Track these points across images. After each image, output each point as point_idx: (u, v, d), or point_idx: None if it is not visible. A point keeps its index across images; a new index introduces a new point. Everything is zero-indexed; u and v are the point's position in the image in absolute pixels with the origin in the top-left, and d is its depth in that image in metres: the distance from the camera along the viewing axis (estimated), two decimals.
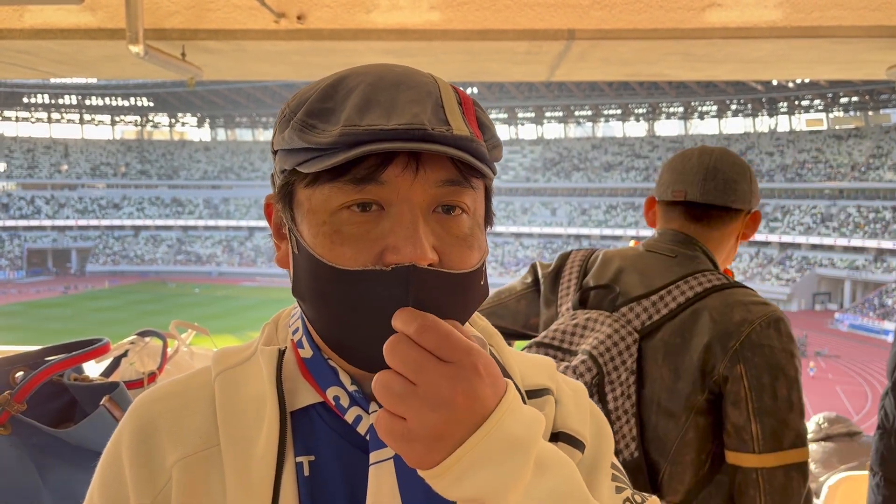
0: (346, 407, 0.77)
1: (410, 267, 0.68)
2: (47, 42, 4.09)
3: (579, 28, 3.85)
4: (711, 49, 4.16)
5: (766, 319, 1.59)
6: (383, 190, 0.70)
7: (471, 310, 0.78)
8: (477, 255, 0.75)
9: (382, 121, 0.68)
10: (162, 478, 0.76)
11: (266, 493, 0.73)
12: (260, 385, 0.78)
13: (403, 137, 0.68)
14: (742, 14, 3.63)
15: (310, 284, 0.74)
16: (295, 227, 0.76)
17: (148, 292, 56.54)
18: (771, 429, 1.54)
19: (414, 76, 0.74)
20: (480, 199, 0.77)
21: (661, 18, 3.69)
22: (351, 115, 0.69)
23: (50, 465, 1.37)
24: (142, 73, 5.33)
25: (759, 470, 1.55)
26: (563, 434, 0.87)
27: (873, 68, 4.64)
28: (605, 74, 5.45)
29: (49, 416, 1.48)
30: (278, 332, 0.87)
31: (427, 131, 0.68)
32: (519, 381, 0.88)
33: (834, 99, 62.30)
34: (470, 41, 3.98)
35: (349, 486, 0.76)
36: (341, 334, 0.74)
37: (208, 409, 0.79)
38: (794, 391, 1.57)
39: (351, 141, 0.68)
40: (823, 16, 3.61)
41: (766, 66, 4.79)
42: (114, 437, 0.82)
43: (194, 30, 3.93)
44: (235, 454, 0.75)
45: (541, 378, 0.91)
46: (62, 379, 1.52)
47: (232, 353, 0.84)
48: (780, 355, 1.57)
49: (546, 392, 0.89)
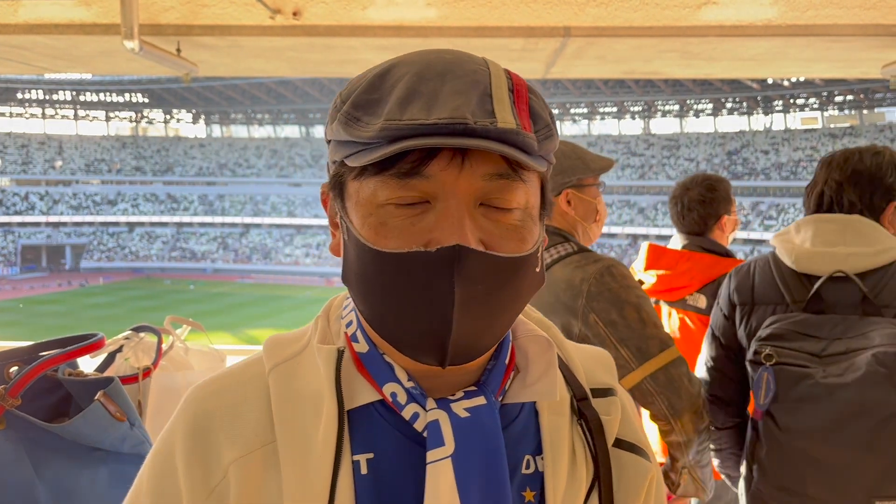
0: (403, 403, 0.76)
1: (456, 247, 0.67)
2: (42, 37, 4.08)
3: (575, 25, 3.85)
4: (707, 47, 4.17)
5: (599, 271, 1.85)
6: (428, 184, 0.69)
7: (525, 297, 0.75)
8: (529, 245, 0.73)
9: (423, 115, 0.67)
10: (217, 474, 0.75)
11: (323, 491, 0.72)
12: (317, 382, 0.77)
13: (444, 132, 0.66)
14: (737, 12, 3.64)
15: (358, 270, 0.74)
16: (346, 216, 0.75)
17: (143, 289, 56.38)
18: (636, 346, 1.80)
19: (464, 64, 0.72)
20: (534, 191, 0.75)
21: (656, 16, 3.69)
22: (392, 109, 0.68)
23: (45, 460, 1.37)
24: (137, 69, 5.31)
25: (645, 380, 1.81)
26: (627, 443, 0.86)
27: (868, 66, 4.66)
28: (601, 72, 5.46)
29: (44, 411, 1.48)
30: (331, 325, 0.85)
31: (468, 125, 0.66)
32: (583, 379, 0.87)
33: (829, 97, 62.40)
34: (466, 38, 3.98)
35: (409, 481, 0.75)
36: (388, 320, 0.73)
37: (263, 404, 0.78)
38: (642, 311, 1.83)
39: (391, 136, 0.67)
40: (818, 14, 3.62)
41: (761, 64, 4.80)
42: (167, 430, 0.81)
43: (189, 25, 3.93)
44: (292, 452, 0.74)
45: (604, 375, 0.90)
46: (56, 374, 1.52)
47: (284, 343, 0.83)
48: (620, 291, 1.83)
49: (611, 392, 0.88)
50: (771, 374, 1.71)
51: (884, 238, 1.84)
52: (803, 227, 1.92)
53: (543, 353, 0.81)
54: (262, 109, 78.60)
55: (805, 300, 1.84)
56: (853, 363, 1.65)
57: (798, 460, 1.68)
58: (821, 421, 1.64)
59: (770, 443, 1.73)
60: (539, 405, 0.83)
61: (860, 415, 1.60)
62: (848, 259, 1.81)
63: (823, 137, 62.76)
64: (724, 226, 2.96)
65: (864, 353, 1.65)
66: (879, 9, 3.51)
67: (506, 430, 0.77)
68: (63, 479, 1.36)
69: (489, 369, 0.80)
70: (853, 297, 1.80)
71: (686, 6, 3.57)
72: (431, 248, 0.68)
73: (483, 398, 0.76)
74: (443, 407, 0.75)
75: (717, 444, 2.12)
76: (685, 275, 2.86)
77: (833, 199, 1.90)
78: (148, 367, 1.79)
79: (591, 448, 0.82)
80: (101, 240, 70.89)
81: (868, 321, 1.73)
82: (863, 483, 1.62)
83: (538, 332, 0.84)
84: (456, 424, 0.74)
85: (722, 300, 2.06)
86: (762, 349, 1.75)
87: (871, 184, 1.88)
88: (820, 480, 1.66)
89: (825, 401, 1.64)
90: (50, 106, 78.44)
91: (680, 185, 3.04)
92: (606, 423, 0.84)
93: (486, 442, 0.74)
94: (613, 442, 0.84)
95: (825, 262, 1.83)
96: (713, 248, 2.91)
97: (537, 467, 0.80)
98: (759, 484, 1.78)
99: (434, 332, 0.70)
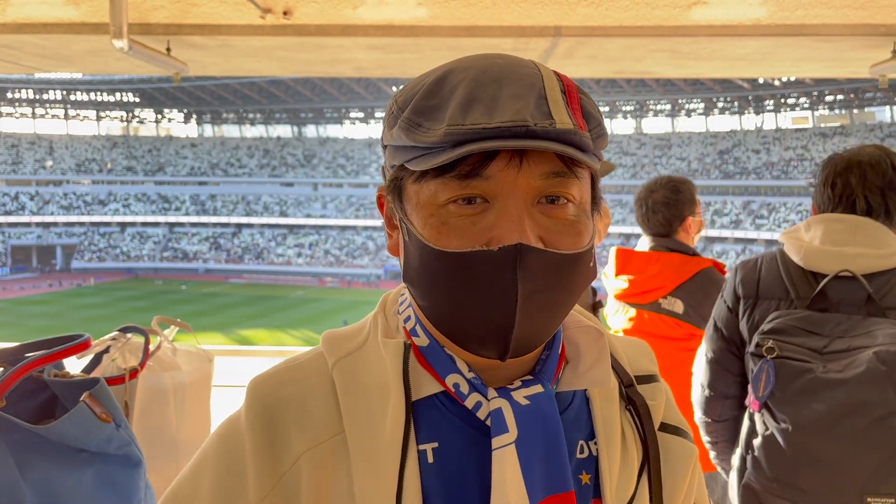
0: (465, 394, 0.79)
1: (518, 245, 0.69)
2: (30, 36, 4.05)
3: (566, 25, 3.85)
4: (697, 46, 4.18)
5: None
6: (488, 184, 0.72)
7: (579, 290, 0.78)
8: (585, 240, 0.76)
9: (485, 119, 0.69)
10: (286, 462, 0.77)
11: (392, 480, 0.74)
12: (382, 375, 0.80)
13: (506, 135, 0.69)
14: (727, 12, 3.65)
15: (420, 269, 0.76)
16: (405, 217, 0.77)
17: (134, 289, 56.17)
18: None
19: (518, 68, 0.74)
20: (587, 187, 0.78)
21: (646, 16, 3.70)
22: (455, 114, 0.70)
23: (30, 462, 1.36)
24: (126, 69, 5.28)
25: None
26: (671, 426, 0.90)
27: (857, 66, 4.68)
28: (592, 71, 5.47)
29: (29, 413, 1.47)
30: (389, 321, 0.87)
31: (530, 128, 0.69)
32: (627, 367, 0.91)
33: (819, 97, 62.71)
34: (456, 38, 3.98)
35: (475, 469, 0.77)
36: (451, 317, 0.75)
37: (330, 397, 0.80)
38: None
39: (456, 140, 0.70)
40: (808, 14, 3.64)
41: (751, 63, 4.81)
42: (234, 415, 0.83)
43: (179, 24, 3.91)
44: (361, 442, 0.76)
45: (646, 363, 0.94)
46: (42, 375, 1.51)
47: (343, 339, 0.85)
48: None
49: (654, 379, 0.92)
50: (771, 367, 1.72)
51: (893, 241, 1.85)
52: (813, 225, 1.94)
53: (595, 343, 0.85)
54: (253, 109, 78.42)
55: (810, 297, 1.85)
56: (854, 360, 1.66)
57: (793, 453, 1.69)
58: (818, 415, 1.65)
59: (766, 435, 1.74)
60: (591, 392, 0.87)
61: (856, 411, 1.62)
62: (856, 259, 1.82)
63: (814, 137, 63.06)
64: (688, 227, 3.00)
65: (866, 350, 1.66)
66: (868, 8, 3.52)
67: (560, 417, 0.80)
68: (48, 480, 1.35)
69: (543, 359, 0.83)
70: (858, 297, 1.81)
71: (676, 6, 3.57)
72: (493, 247, 0.70)
73: (540, 386, 0.79)
74: (504, 395, 0.78)
75: (713, 436, 2.13)
76: (657, 277, 2.89)
77: (856, 202, 1.90)
78: (135, 368, 1.78)
79: (640, 432, 0.87)
80: (92, 240, 70.61)
81: (872, 321, 1.74)
82: (855, 479, 1.63)
83: (588, 323, 0.87)
84: (518, 411, 0.77)
85: (726, 292, 2.08)
86: (764, 342, 1.77)
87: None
88: (813, 474, 1.67)
89: (823, 396, 1.65)
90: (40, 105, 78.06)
91: (644, 188, 3.07)
92: (652, 407, 0.88)
93: (546, 427, 0.77)
94: (659, 426, 0.89)
95: (833, 260, 1.84)
96: (679, 248, 2.95)
97: (591, 452, 0.84)
98: (751, 475, 1.79)
99: (497, 327, 0.72)
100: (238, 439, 0.80)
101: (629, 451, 0.85)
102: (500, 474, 0.74)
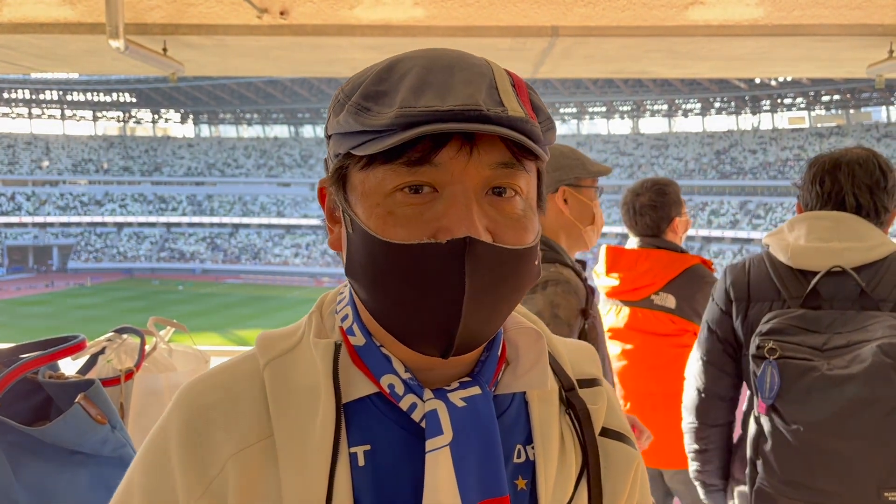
0: (400, 395, 0.77)
1: (466, 239, 0.68)
2: (26, 36, 4.04)
3: (563, 25, 3.85)
4: (694, 46, 4.18)
5: (539, 284, 1.91)
6: (437, 172, 0.70)
7: (524, 289, 0.77)
8: (531, 236, 0.75)
9: (438, 102, 0.68)
10: (214, 468, 0.75)
11: (321, 483, 0.73)
12: (312, 377, 0.78)
13: (459, 118, 0.68)
14: (724, 12, 3.65)
15: (364, 262, 0.74)
16: (349, 208, 0.76)
17: (131, 290, 56.05)
18: None
19: (467, 59, 0.74)
20: (533, 182, 0.77)
21: (644, 16, 3.70)
22: (407, 97, 0.69)
23: (24, 464, 1.35)
24: (123, 69, 5.27)
25: None
26: (613, 431, 0.88)
27: (854, 66, 4.68)
28: (590, 71, 5.46)
29: (23, 414, 1.46)
30: (325, 321, 0.86)
31: (483, 112, 0.68)
32: (569, 370, 0.89)
33: (816, 97, 62.81)
34: (454, 38, 3.97)
35: (409, 472, 0.76)
36: (395, 311, 0.73)
37: (259, 399, 0.78)
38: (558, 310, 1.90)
39: (407, 122, 0.68)
40: (804, 14, 3.64)
41: (748, 63, 4.82)
42: (160, 426, 0.81)
43: (175, 24, 3.90)
44: (290, 446, 0.74)
45: (589, 366, 0.92)
46: (37, 376, 1.50)
47: (277, 339, 0.83)
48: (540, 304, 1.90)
49: (597, 383, 0.90)
50: (775, 367, 1.71)
51: (875, 234, 1.86)
52: (797, 224, 1.94)
53: (534, 345, 0.83)
54: (250, 109, 78.35)
55: (801, 296, 1.85)
56: (857, 355, 1.66)
57: (806, 453, 1.68)
58: (829, 413, 1.64)
59: (776, 437, 1.73)
60: (529, 396, 0.85)
61: (868, 405, 1.61)
62: (844, 253, 1.83)
63: (811, 137, 63.15)
64: (676, 227, 3.03)
65: (867, 345, 1.66)
66: (865, 9, 3.52)
67: (498, 420, 0.79)
68: (42, 482, 1.34)
69: (483, 360, 0.81)
70: (850, 291, 1.81)
71: (673, 6, 3.57)
72: (441, 239, 0.69)
73: (478, 388, 0.78)
74: (440, 397, 0.76)
75: (703, 443, 2.11)
76: (647, 273, 2.90)
77: (845, 199, 1.91)
78: (130, 369, 1.77)
79: (579, 437, 0.85)
80: (89, 240, 70.46)
81: (866, 315, 1.74)
82: (872, 475, 1.62)
83: (528, 325, 0.85)
84: (454, 414, 0.75)
85: (717, 295, 2.07)
86: (765, 343, 1.76)
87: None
88: (829, 473, 1.66)
89: (833, 392, 1.64)
90: (36, 105, 77.88)
91: (630, 191, 3.09)
92: (593, 412, 0.86)
93: (482, 430, 0.76)
94: (600, 431, 0.86)
95: (820, 257, 1.85)
96: (668, 246, 2.97)
97: (528, 456, 0.82)
98: (763, 479, 1.77)
99: (442, 322, 0.71)
100: (164, 449, 0.79)
101: (567, 455, 0.83)
102: (433, 477, 0.73)
